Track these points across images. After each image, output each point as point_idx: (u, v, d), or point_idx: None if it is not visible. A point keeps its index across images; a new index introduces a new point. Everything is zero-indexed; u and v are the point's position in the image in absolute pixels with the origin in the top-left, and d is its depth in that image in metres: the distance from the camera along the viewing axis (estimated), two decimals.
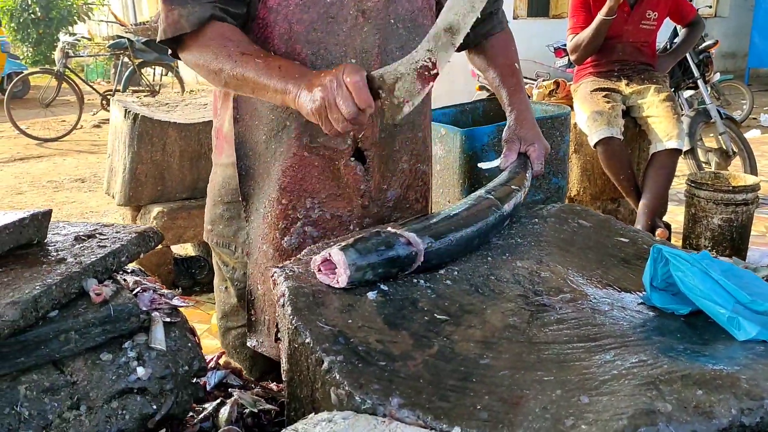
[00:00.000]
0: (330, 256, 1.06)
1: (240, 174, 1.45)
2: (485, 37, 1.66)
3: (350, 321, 1.00)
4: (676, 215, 4.17)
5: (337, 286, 1.06)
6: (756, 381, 0.82)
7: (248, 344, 1.53)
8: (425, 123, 1.58)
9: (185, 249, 3.99)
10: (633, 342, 0.95)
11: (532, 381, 0.86)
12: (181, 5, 1.28)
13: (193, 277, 3.65)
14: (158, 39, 1.36)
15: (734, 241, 3.48)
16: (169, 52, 1.39)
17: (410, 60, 1.12)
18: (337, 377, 0.86)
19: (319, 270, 1.08)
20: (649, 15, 3.59)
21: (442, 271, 1.17)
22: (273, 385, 1.36)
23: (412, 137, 1.52)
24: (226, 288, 1.65)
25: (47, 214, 1.14)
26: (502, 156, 1.55)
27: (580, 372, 0.87)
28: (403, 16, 1.43)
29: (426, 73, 1.10)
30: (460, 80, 7.62)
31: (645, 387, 0.81)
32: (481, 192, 1.36)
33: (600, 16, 3.41)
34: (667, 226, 3.57)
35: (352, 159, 1.43)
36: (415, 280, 1.13)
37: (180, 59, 1.37)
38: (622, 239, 1.36)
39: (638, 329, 0.99)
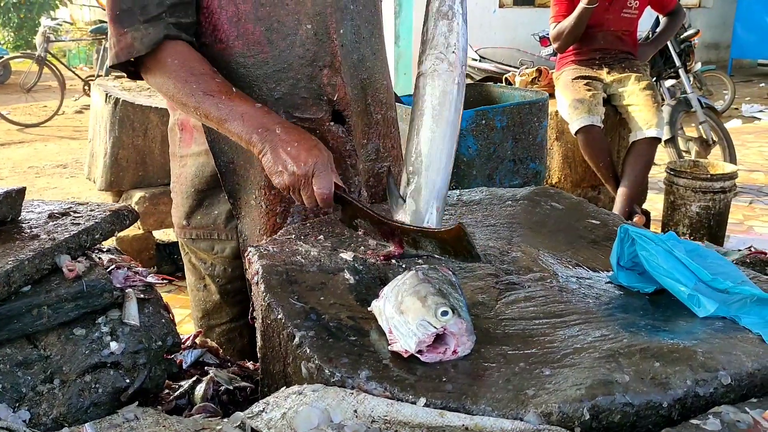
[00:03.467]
0: (445, 330, 0.86)
1: (221, 172, 1.42)
2: None
3: (322, 298, 1.02)
4: (655, 203, 4.22)
5: (458, 356, 0.88)
6: (712, 354, 0.84)
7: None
8: (385, 68, 1.56)
9: (167, 234, 3.98)
10: (597, 318, 0.97)
11: (497, 355, 0.88)
12: (133, 28, 1.25)
13: (175, 262, 3.65)
14: (109, 64, 1.34)
15: (712, 228, 3.54)
16: (125, 75, 1.37)
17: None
18: (308, 351, 0.88)
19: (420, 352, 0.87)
20: (630, 4, 3.62)
21: (414, 251, 1.18)
22: (249, 364, 1.37)
23: (379, 87, 1.51)
24: (205, 286, 1.59)
25: (21, 191, 1.14)
26: None
27: (544, 346, 0.89)
28: None
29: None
30: None
31: (605, 360, 0.84)
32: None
33: (582, 4, 3.43)
34: (646, 214, 3.62)
35: (332, 123, 1.42)
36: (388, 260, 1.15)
37: (139, 79, 1.36)
38: (593, 221, 1.38)
39: (603, 306, 1.02)
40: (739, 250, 1.80)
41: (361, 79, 1.45)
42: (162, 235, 3.90)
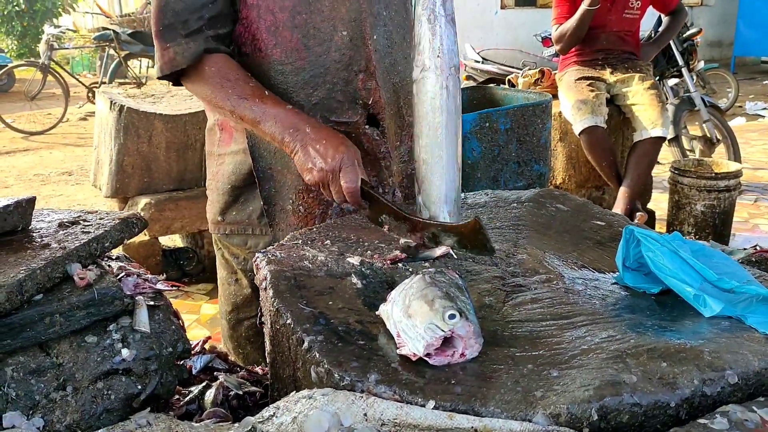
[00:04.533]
0: (453, 333, 0.86)
1: (258, 177, 1.46)
2: None
3: (331, 303, 1.03)
4: (660, 202, 4.22)
5: (465, 359, 0.88)
6: (719, 353, 0.85)
7: None
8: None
9: (173, 240, 4.01)
10: (604, 319, 0.98)
11: (505, 356, 0.88)
12: (176, 43, 1.33)
13: (181, 268, 3.67)
14: (157, 76, 1.41)
15: (717, 227, 3.54)
16: (171, 84, 1.44)
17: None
18: (317, 356, 0.89)
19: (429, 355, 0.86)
20: (632, 4, 3.62)
21: (424, 252, 1.19)
22: (258, 369, 1.38)
23: (410, 90, 1.55)
24: (236, 280, 1.63)
25: (31, 201, 1.16)
26: None
27: (552, 347, 0.90)
28: None
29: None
30: None
31: (612, 360, 0.84)
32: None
33: (584, 6, 3.43)
34: (651, 213, 3.62)
35: (367, 126, 1.46)
36: (395, 264, 1.16)
37: (183, 87, 1.43)
38: (598, 222, 1.39)
39: (609, 307, 1.02)
40: (744, 249, 1.81)
41: (393, 82, 1.50)
42: (168, 241, 3.92)
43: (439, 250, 1.16)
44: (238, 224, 1.56)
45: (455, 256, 1.16)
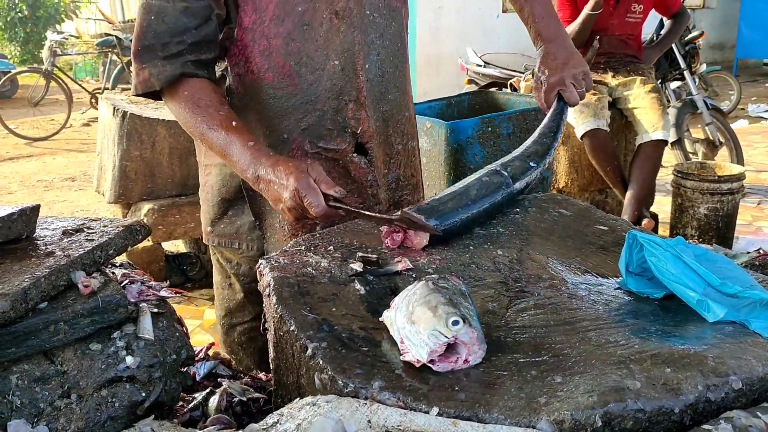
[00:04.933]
0: (456, 339, 0.86)
1: (248, 195, 1.47)
2: None
3: (334, 309, 1.03)
4: (663, 205, 4.22)
5: (469, 365, 0.88)
6: (722, 359, 0.85)
7: None
8: (409, 102, 1.61)
9: (176, 246, 4.01)
10: (607, 325, 0.98)
11: (509, 363, 0.89)
12: (152, 65, 1.33)
13: (184, 273, 3.67)
14: (132, 94, 1.41)
15: (720, 230, 3.53)
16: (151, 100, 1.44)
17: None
18: (321, 363, 0.89)
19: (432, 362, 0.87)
20: (634, 8, 3.62)
21: (424, 260, 1.20)
22: (262, 375, 1.39)
23: (401, 118, 1.57)
24: (230, 285, 1.64)
25: (35, 209, 1.16)
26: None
27: (555, 353, 0.90)
28: (377, 5, 1.46)
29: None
30: (450, 75, 7.65)
31: (616, 366, 0.84)
32: (496, 166, 1.40)
33: (586, 10, 3.44)
34: (654, 217, 3.61)
35: (355, 155, 1.47)
36: (398, 270, 1.16)
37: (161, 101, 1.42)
38: (601, 227, 1.39)
39: (613, 313, 1.02)
40: (748, 253, 1.81)
41: (383, 111, 1.50)
42: (171, 246, 3.93)
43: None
44: (226, 237, 1.57)
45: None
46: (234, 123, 1.31)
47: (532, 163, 1.42)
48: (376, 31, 1.46)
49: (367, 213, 1.24)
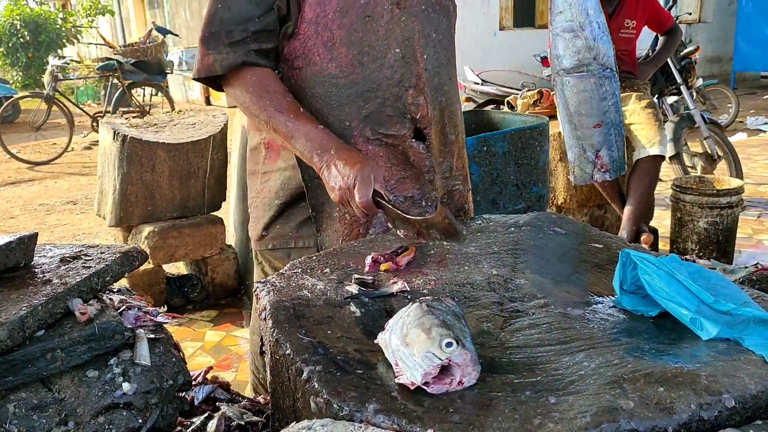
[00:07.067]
0: (450, 361, 0.86)
1: (306, 186, 1.52)
2: None
3: (329, 332, 1.03)
4: (663, 220, 4.22)
5: (463, 386, 0.88)
6: (715, 377, 0.85)
7: None
8: (457, 93, 1.68)
9: (177, 268, 4.01)
10: (601, 344, 0.98)
11: (503, 384, 0.89)
12: (217, 51, 1.40)
13: (185, 295, 3.67)
14: (192, 77, 1.49)
15: (720, 244, 3.53)
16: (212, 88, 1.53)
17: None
18: (316, 386, 0.89)
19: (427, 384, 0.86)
20: (627, 24, 3.65)
21: (419, 281, 1.20)
22: (260, 398, 1.39)
23: (454, 110, 1.64)
24: None
25: (33, 237, 1.17)
26: None
27: (549, 373, 0.90)
28: (431, 1, 1.53)
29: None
30: None
31: (609, 386, 0.85)
32: None
33: None
34: (654, 231, 3.62)
35: (414, 140, 1.52)
36: (393, 291, 1.17)
37: (221, 91, 1.50)
38: (596, 245, 1.39)
39: (607, 332, 1.03)
40: (746, 267, 1.81)
41: (439, 101, 1.57)
42: (172, 268, 3.93)
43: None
44: (281, 238, 1.61)
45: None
46: (301, 109, 1.40)
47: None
48: (431, 25, 1.53)
49: (406, 215, 1.29)
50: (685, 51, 5.05)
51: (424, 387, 0.86)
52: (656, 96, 4.76)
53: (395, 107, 1.50)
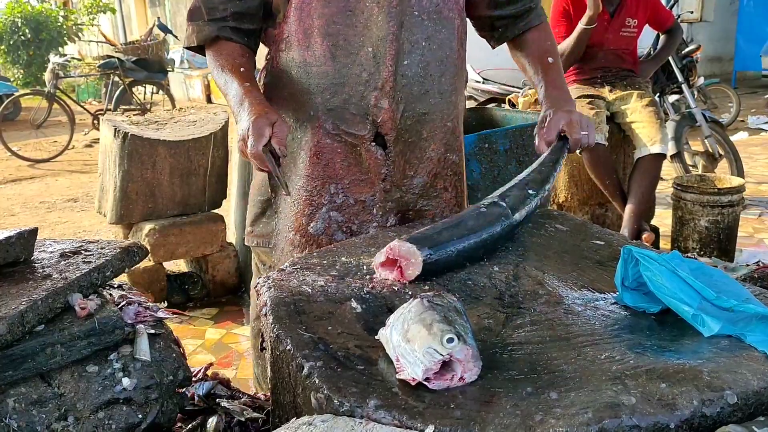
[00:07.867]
0: (451, 357, 0.87)
1: (271, 184, 1.55)
2: (523, 31, 1.67)
3: (330, 328, 1.03)
4: (664, 218, 4.21)
5: (464, 382, 0.88)
6: (717, 373, 0.85)
7: None
8: (456, 114, 1.62)
9: (178, 265, 4.01)
10: (603, 340, 0.98)
11: (504, 380, 0.89)
12: (195, 24, 1.52)
13: (186, 293, 3.67)
14: (183, 45, 1.62)
15: (721, 243, 3.52)
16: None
17: None
18: (317, 382, 0.89)
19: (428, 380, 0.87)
20: (628, 22, 3.64)
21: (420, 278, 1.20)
22: (261, 395, 1.38)
23: (441, 126, 1.58)
24: None
25: (33, 232, 1.17)
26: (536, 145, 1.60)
27: (551, 370, 0.90)
28: (428, 8, 1.51)
29: None
30: None
31: (611, 382, 0.84)
32: (495, 197, 1.37)
33: (580, 25, 3.46)
34: (655, 230, 3.61)
35: (373, 144, 1.51)
36: (394, 288, 1.16)
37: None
38: (597, 242, 1.39)
39: (609, 328, 1.02)
40: (747, 265, 1.81)
41: (418, 112, 1.53)
42: (173, 266, 3.93)
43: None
44: (263, 237, 1.63)
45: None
46: (245, 74, 1.46)
47: (530, 191, 1.38)
48: (423, 33, 1.51)
49: (283, 181, 1.34)
50: (687, 50, 5.04)
51: (425, 383, 0.86)
52: (657, 95, 4.75)
53: (359, 106, 1.49)
